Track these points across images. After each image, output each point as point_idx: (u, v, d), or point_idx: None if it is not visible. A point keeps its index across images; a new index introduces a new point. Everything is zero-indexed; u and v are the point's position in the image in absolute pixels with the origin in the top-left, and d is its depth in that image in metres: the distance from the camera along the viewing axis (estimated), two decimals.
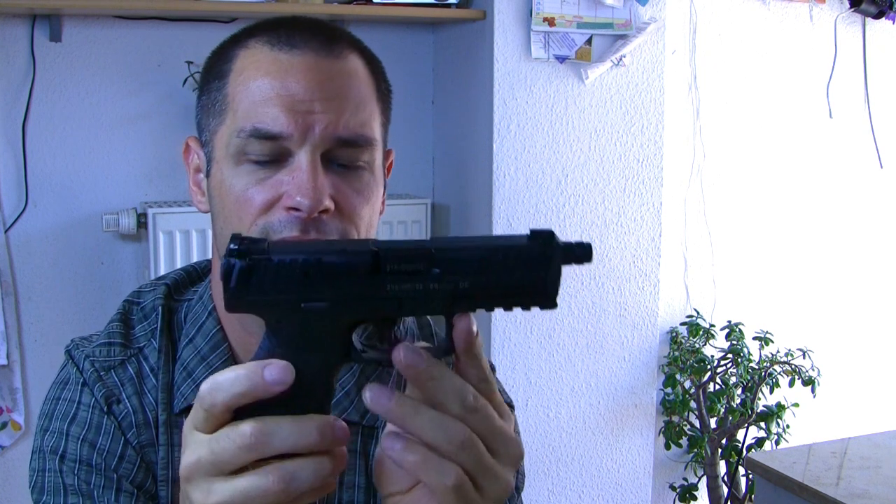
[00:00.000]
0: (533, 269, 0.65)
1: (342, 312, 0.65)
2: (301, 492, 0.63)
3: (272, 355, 0.64)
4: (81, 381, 0.96)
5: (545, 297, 0.66)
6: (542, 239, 0.66)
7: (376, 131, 0.92)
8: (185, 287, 1.04)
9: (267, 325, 0.66)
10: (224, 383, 0.63)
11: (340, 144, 0.87)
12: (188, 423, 0.66)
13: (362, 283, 0.65)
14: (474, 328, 0.66)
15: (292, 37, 0.89)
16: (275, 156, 0.87)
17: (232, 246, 0.65)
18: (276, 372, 0.63)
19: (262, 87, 0.87)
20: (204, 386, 0.64)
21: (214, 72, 0.92)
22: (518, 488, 1.04)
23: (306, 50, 0.88)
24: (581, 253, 0.67)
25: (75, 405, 0.96)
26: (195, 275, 1.06)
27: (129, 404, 0.95)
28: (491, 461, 0.67)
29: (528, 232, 0.67)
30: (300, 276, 0.64)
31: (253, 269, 0.64)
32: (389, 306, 0.65)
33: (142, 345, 0.99)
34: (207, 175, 0.93)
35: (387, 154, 0.97)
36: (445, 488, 0.65)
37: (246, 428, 0.62)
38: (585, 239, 2.95)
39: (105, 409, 0.94)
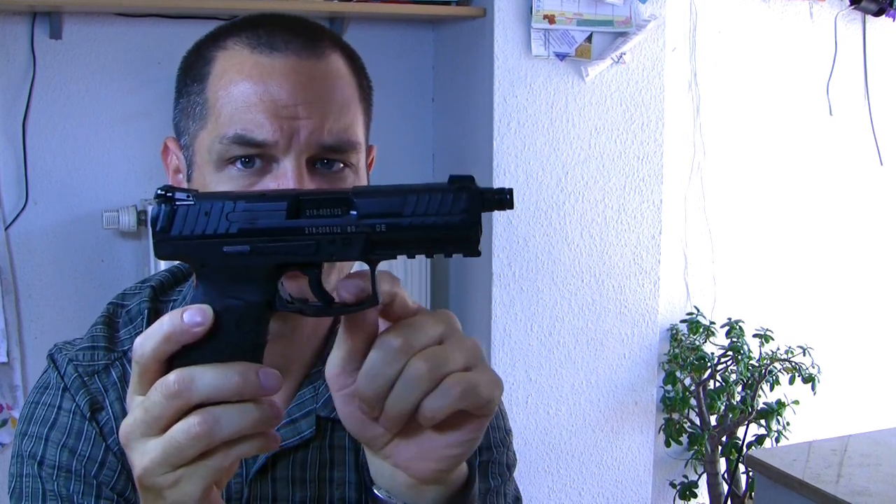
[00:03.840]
0: (450, 212, 0.66)
1: (263, 256, 0.67)
2: (226, 436, 0.64)
3: (200, 302, 0.67)
4: (62, 385, 0.95)
5: (466, 242, 0.67)
6: (461, 183, 0.67)
7: (360, 134, 0.90)
8: (170, 288, 1.03)
9: (196, 272, 0.68)
10: (150, 332, 0.65)
11: (325, 149, 0.86)
12: (129, 391, 0.67)
13: (281, 226, 0.66)
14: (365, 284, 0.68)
15: (273, 38, 0.87)
16: (259, 161, 0.86)
17: (159, 191, 0.68)
18: (193, 313, 0.65)
19: (245, 91, 0.85)
20: (136, 341, 0.66)
21: (193, 74, 0.90)
22: (510, 466, 1.04)
23: (288, 52, 0.86)
24: (500, 198, 0.67)
25: (55, 410, 0.94)
26: (180, 275, 1.05)
27: (111, 410, 0.94)
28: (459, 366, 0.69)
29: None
30: (222, 219, 0.67)
31: (177, 213, 0.67)
32: (307, 249, 0.67)
33: (126, 348, 0.97)
34: (188, 179, 0.92)
35: (368, 150, 0.96)
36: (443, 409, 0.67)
37: (170, 377, 0.64)
38: (585, 236, 2.94)
39: (87, 415, 0.93)
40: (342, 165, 0.88)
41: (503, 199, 0.67)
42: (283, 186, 0.84)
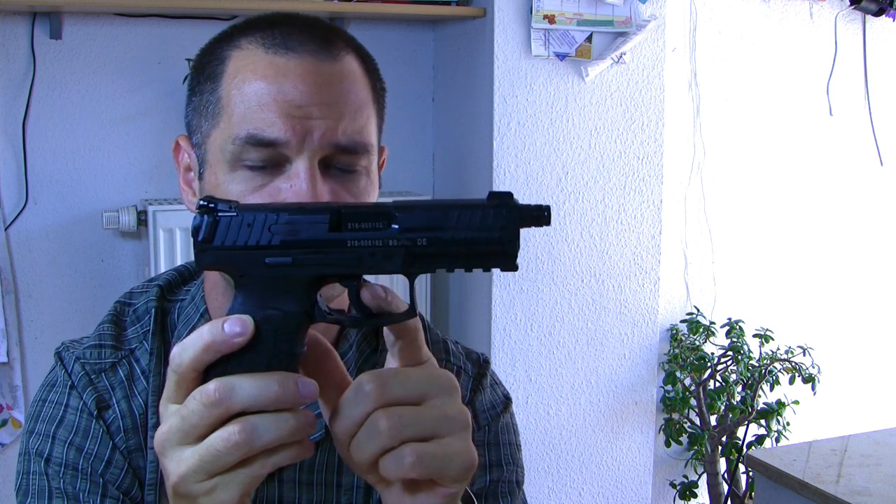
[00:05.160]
0: (490, 227, 0.68)
1: (304, 267, 0.68)
2: (265, 444, 0.64)
3: (239, 312, 0.67)
4: (69, 383, 0.95)
5: (504, 257, 0.68)
6: (500, 199, 0.68)
7: (373, 136, 0.90)
8: (177, 287, 1.03)
9: (235, 282, 0.69)
10: (188, 341, 0.66)
11: (338, 151, 0.86)
12: (163, 400, 0.68)
13: (324, 238, 0.67)
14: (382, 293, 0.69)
15: (288, 38, 0.86)
16: (272, 162, 0.85)
17: (201, 202, 0.68)
18: (234, 324, 0.65)
19: (259, 91, 0.84)
20: (174, 350, 0.66)
21: (206, 73, 0.90)
22: (518, 482, 1.03)
23: (303, 53, 0.85)
24: (538, 214, 0.68)
25: (62, 408, 0.94)
26: (187, 275, 1.04)
27: (118, 409, 0.94)
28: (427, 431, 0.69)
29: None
30: (264, 231, 0.68)
31: (219, 224, 0.68)
32: (349, 262, 0.68)
33: (133, 347, 0.97)
34: (200, 177, 0.91)
35: (380, 151, 0.96)
36: (405, 470, 0.67)
37: (210, 385, 0.64)
38: (585, 236, 2.94)
39: (94, 413, 0.93)
40: (355, 167, 0.88)
41: (541, 216, 0.69)
42: (296, 187, 0.84)
